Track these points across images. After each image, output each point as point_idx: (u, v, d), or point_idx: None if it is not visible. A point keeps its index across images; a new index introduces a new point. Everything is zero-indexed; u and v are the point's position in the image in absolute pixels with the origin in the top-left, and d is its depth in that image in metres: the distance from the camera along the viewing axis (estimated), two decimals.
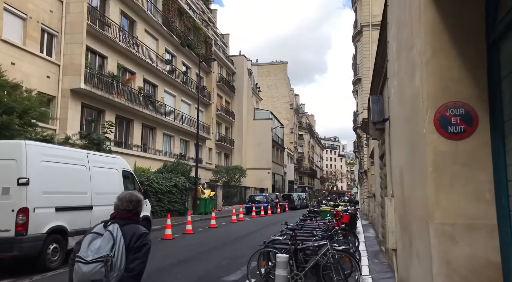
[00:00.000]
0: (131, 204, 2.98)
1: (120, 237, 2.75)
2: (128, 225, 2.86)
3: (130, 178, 11.13)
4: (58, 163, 8.20)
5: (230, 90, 43.80)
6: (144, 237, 2.85)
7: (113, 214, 2.95)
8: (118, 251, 2.71)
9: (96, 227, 2.88)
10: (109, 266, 2.64)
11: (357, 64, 31.81)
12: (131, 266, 2.74)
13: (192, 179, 24.28)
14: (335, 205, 15.98)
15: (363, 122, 22.00)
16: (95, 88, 20.21)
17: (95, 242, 2.73)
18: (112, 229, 2.79)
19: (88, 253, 2.67)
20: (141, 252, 2.79)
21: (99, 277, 2.62)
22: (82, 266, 2.63)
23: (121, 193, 3.10)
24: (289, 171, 59.82)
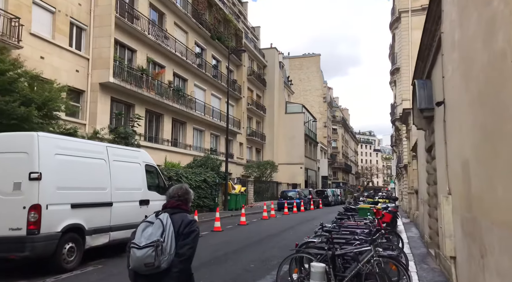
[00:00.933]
0: (180, 190, 3.25)
1: (170, 224, 2.96)
2: (177, 214, 3.07)
3: (154, 172, 10.54)
4: (74, 157, 7.67)
5: (261, 84, 42.95)
6: (192, 224, 3.05)
7: (163, 204, 3.22)
8: (168, 237, 2.90)
9: (149, 217, 3.13)
10: (160, 251, 2.84)
11: (395, 53, 30.00)
12: (181, 251, 2.93)
13: (222, 174, 23.71)
14: (374, 202, 14.79)
15: (403, 113, 20.47)
16: (124, 82, 19.97)
17: (147, 229, 2.96)
18: (162, 217, 3.02)
19: (141, 240, 2.89)
20: (189, 238, 2.98)
21: (151, 260, 2.82)
22: (136, 251, 2.86)
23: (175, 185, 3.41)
24: (323, 166, 58.31)
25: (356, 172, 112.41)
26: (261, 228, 15.14)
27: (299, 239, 12.32)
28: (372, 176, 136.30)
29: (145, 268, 2.86)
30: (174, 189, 3.32)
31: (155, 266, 2.84)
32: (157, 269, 2.87)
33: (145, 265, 2.85)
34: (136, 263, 2.88)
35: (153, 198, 10.07)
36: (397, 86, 30.01)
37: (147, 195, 9.80)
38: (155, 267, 2.85)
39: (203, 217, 18.47)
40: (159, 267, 2.86)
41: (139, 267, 2.89)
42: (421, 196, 12.43)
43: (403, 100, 28.16)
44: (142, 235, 2.94)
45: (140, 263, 2.86)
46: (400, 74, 29.14)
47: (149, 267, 2.85)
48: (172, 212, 3.09)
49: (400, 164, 29.36)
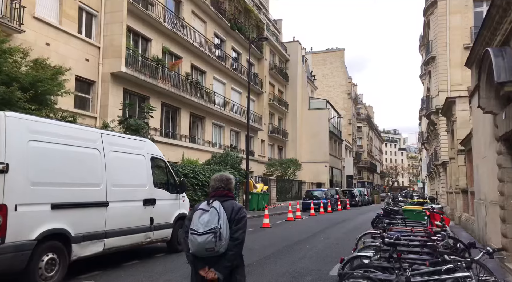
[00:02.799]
0: (223, 182, 3.43)
1: (223, 211, 3.21)
2: (226, 201, 3.31)
3: (162, 167, 8.94)
4: (57, 144, 6.11)
5: (283, 79, 41.07)
6: (242, 210, 3.34)
7: (212, 193, 3.41)
8: (223, 223, 3.15)
9: (201, 204, 3.34)
10: (218, 236, 3.09)
11: (430, 41, 27.56)
12: (235, 236, 3.20)
13: (243, 171, 22.03)
14: (421, 203, 12.74)
15: (445, 104, 18.22)
16: (137, 72, 18.58)
17: (203, 217, 3.18)
18: (215, 205, 3.22)
19: (199, 226, 3.13)
20: (241, 223, 3.26)
21: (211, 246, 3.08)
22: (197, 237, 3.10)
23: (214, 175, 3.56)
24: (348, 165, 55.86)
25: (381, 171, 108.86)
26: (287, 232, 13.34)
27: (333, 246, 10.51)
28: (397, 176, 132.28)
29: (206, 253, 3.09)
30: (216, 180, 3.44)
31: (215, 250, 3.07)
32: (216, 253, 3.09)
33: (206, 250, 3.07)
34: (197, 248, 3.10)
35: (161, 197, 8.47)
36: (432, 77, 27.57)
37: (153, 194, 8.20)
38: (215, 252, 3.08)
39: None
40: (218, 251, 3.09)
41: (200, 252, 3.11)
42: (481, 196, 10.34)
43: (439, 91, 25.74)
44: (199, 222, 3.13)
45: (201, 248, 3.08)
46: (436, 63, 26.72)
47: (210, 251, 3.07)
48: (222, 200, 3.28)
49: (436, 161, 26.92)
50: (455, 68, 25.03)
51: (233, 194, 3.44)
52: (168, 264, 7.81)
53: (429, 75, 29.36)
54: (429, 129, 32.36)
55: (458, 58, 24.98)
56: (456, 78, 24.99)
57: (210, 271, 3.14)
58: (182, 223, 9.12)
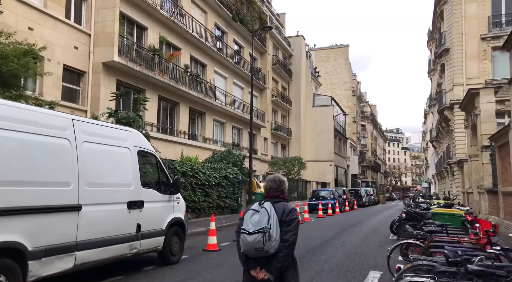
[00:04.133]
0: (275, 183, 3.40)
1: (274, 212, 3.18)
2: (278, 203, 3.29)
3: (152, 162, 7.51)
4: (10, 131, 4.69)
5: (286, 74, 39.60)
6: (293, 212, 3.28)
7: (264, 194, 3.43)
8: (273, 224, 3.12)
9: (253, 205, 3.35)
10: (267, 237, 3.05)
11: (443, 32, 26.09)
12: (286, 237, 3.14)
13: (246, 170, 20.59)
14: (448, 205, 11.29)
15: (466, 96, 16.73)
16: (132, 63, 17.16)
17: (254, 217, 3.18)
18: (266, 206, 3.22)
19: (249, 226, 3.13)
20: (292, 225, 3.20)
21: (260, 246, 3.05)
22: (247, 236, 3.10)
23: (268, 177, 3.59)
24: (353, 164, 54.36)
25: (385, 171, 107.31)
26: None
27: (353, 256, 8.96)
28: (401, 175, 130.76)
29: (255, 252, 3.09)
30: (269, 182, 3.44)
31: (264, 250, 3.05)
32: (266, 253, 3.07)
33: (256, 250, 3.07)
34: (247, 247, 3.11)
35: (150, 198, 7.04)
36: (445, 71, 26.10)
37: (140, 195, 6.77)
38: (264, 252, 3.06)
39: (224, 221, 15.42)
40: (268, 251, 3.06)
41: (249, 251, 3.12)
42: None
43: (454, 85, 24.28)
44: (249, 222, 3.15)
45: (251, 247, 3.08)
46: (450, 55, 25.25)
47: (259, 251, 3.07)
48: (273, 201, 3.29)
49: (449, 159, 25.45)
50: (471, 60, 23.59)
51: (285, 196, 3.43)
52: (158, 280, 6.40)
53: (441, 69, 27.90)
54: (440, 126, 30.88)
55: (475, 49, 23.56)
56: (472, 70, 23.55)
57: (261, 271, 3.15)
58: (176, 229, 7.72)
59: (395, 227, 11.69)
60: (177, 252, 7.76)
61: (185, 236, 8.18)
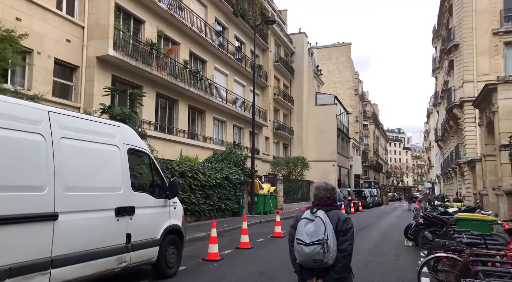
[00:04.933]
0: (328, 192, 3.30)
1: (329, 221, 3.09)
2: (331, 211, 3.18)
3: (145, 162, 6.61)
4: None
5: (288, 72, 38.68)
6: (348, 221, 3.17)
7: (315, 202, 3.30)
8: (330, 234, 3.03)
9: (304, 213, 3.23)
10: (326, 248, 2.98)
11: (452, 27, 25.17)
12: (343, 247, 3.07)
13: (248, 170, 19.70)
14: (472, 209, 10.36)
15: (482, 92, 15.83)
16: (128, 57, 16.25)
17: (308, 226, 3.08)
18: (320, 215, 3.11)
19: (305, 236, 3.04)
20: (348, 235, 3.11)
21: (320, 257, 2.99)
22: (304, 247, 3.03)
23: (317, 183, 3.47)
24: (356, 164, 53.42)
25: (387, 171, 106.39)
26: None
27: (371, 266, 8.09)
28: (403, 176, 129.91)
29: (314, 264, 3.03)
30: (320, 189, 3.33)
31: (323, 262, 3.00)
32: (325, 264, 3.02)
33: (314, 261, 3.02)
34: (304, 258, 3.06)
35: (142, 203, 6.14)
36: (454, 68, 25.18)
37: (131, 199, 5.87)
38: (323, 263, 3.01)
39: (225, 225, 14.51)
40: (326, 263, 3.01)
41: (307, 262, 3.07)
42: None
43: (464, 82, 23.36)
44: (304, 231, 3.06)
45: (308, 259, 3.03)
46: (459, 51, 24.34)
47: (318, 263, 3.01)
48: (326, 209, 3.18)
49: (459, 159, 24.54)
50: (482, 56, 22.68)
51: (337, 204, 3.36)
52: None
53: (449, 66, 26.98)
54: (448, 125, 29.97)
55: (486, 45, 22.65)
56: (484, 67, 22.64)
57: None
58: (173, 238, 6.82)
59: (411, 232, 10.80)
60: (174, 263, 6.86)
61: (182, 246, 7.28)
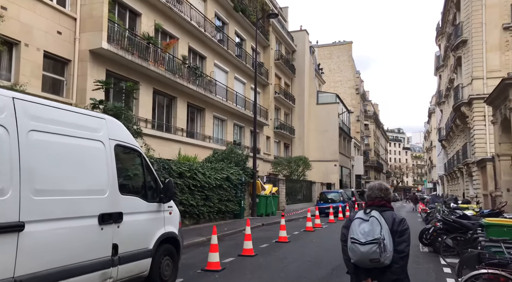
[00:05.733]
0: (382, 192, 3.27)
1: (384, 222, 3.06)
2: (386, 212, 3.15)
3: (135, 161, 5.76)
4: None
5: (289, 71, 37.85)
6: (404, 222, 3.14)
7: (368, 202, 3.30)
8: (386, 234, 3.01)
9: (357, 213, 3.21)
10: (383, 247, 2.97)
11: (460, 22, 24.35)
12: (400, 248, 3.05)
13: (250, 170, 18.86)
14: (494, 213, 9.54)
15: (498, 87, 15.00)
16: (123, 51, 15.39)
17: (362, 226, 3.06)
18: (375, 215, 3.09)
19: (359, 236, 3.02)
20: (405, 235, 3.09)
21: (376, 257, 2.97)
22: (359, 246, 3.01)
23: (370, 184, 3.47)
24: (357, 164, 52.60)
25: (387, 171, 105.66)
26: (312, 251, 10.13)
27: None
28: (403, 176, 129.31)
29: (370, 263, 3.01)
30: (374, 189, 3.32)
31: (380, 261, 2.97)
32: (381, 264, 2.99)
33: (370, 261, 2.98)
34: (360, 257, 3.03)
35: (132, 208, 5.29)
36: (462, 64, 24.35)
37: (118, 204, 5.02)
38: (380, 263, 2.98)
39: (226, 228, 13.65)
40: (383, 263, 2.98)
41: (363, 262, 3.04)
42: None
43: (473, 78, 22.52)
44: (359, 231, 3.04)
45: (365, 258, 3.00)
46: (467, 47, 23.51)
47: (374, 262, 2.98)
48: (380, 210, 3.15)
49: (467, 159, 23.71)
50: (492, 51, 21.85)
51: (391, 205, 3.30)
52: None
53: (456, 63, 26.15)
54: (454, 124, 29.15)
55: (496, 40, 21.82)
56: (494, 63, 21.81)
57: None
58: (168, 248, 5.97)
59: (429, 238, 9.96)
60: (169, 276, 6.01)
61: (179, 256, 6.42)
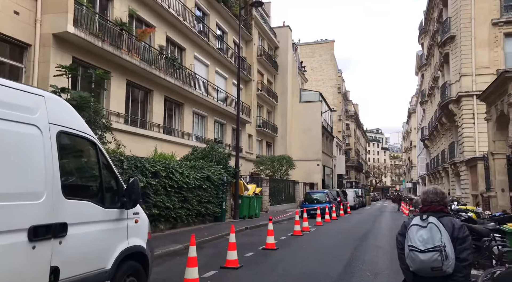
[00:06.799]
0: (438, 196, 3.13)
1: (443, 228, 2.91)
2: (444, 218, 3.01)
3: (88, 155, 4.42)
4: None
5: (272, 67, 36.75)
6: (465, 228, 2.99)
7: (424, 208, 3.15)
8: (446, 241, 2.86)
9: (413, 219, 3.08)
10: (444, 255, 2.82)
11: (448, 17, 23.78)
12: (463, 256, 2.89)
13: (232, 169, 17.59)
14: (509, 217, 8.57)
15: (496, 81, 14.25)
16: (92, 37, 13.84)
17: (420, 233, 2.93)
18: (433, 221, 2.95)
19: (418, 243, 2.89)
20: (467, 243, 2.92)
21: (438, 265, 2.84)
22: (419, 254, 2.88)
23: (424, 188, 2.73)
24: (339, 164, 52.01)
25: (366, 171, 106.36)
26: (304, 260, 8.94)
27: None
28: (381, 175, 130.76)
29: (431, 272, 2.89)
30: (429, 194, 3.19)
31: (442, 270, 2.86)
32: (443, 273, 2.88)
33: (432, 269, 2.88)
34: (420, 266, 2.92)
35: (81, 217, 3.93)
36: (450, 61, 23.78)
37: (60, 212, 3.67)
38: (442, 271, 2.87)
39: (206, 233, 12.35)
40: (445, 271, 2.88)
41: (423, 270, 2.93)
42: None
43: (462, 75, 21.92)
44: (417, 239, 2.92)
45: (425, 266, 2.90)
46: (455, 43, 22.94)
47: (436, 271, 2.88)
48: (438, 215, 3.03)
49: (456, 158, 23.11)
50: (481, 47, 21.29)
51: (448, 210, 3.15)
52: None
53: (443, 60, 25.60)
54: (439, 122, 28.68)
55: (485, 36, 21.27)
56: (483, 60, 21.26)
57: None
58: (133, 266, 4.66)
59: None
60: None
61: (148, 274, 5.08)
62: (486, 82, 19.85)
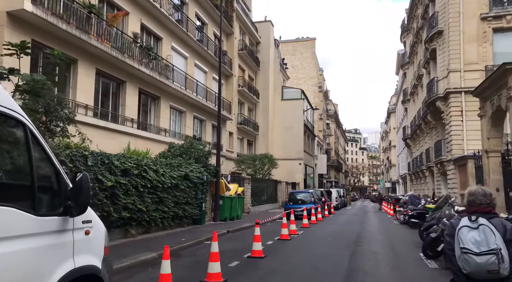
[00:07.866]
0: (487, 197, 3.04)
1: (496, 230, 2.82)
2: (493, 219, 2.91)
3: (16, 142, 3.07)
4: None
5: (254, 63, 35.58)
6: None
7: (472, 209, 3.04)
8: (500, 243, 2.78)
9: (461, 220, 2.98)
10: (500, 258, 2.74)
11: (436, 12, 23.20)
12: None
13: (213, 168, 16.31)
14: None
15: (496, 72, 13.55)
16: (55, 18, 12.29)
17: (471, 234, 2.83)
18: (484, 222, 2.85)
19: (471, 246, 2.79)
20: None
21: (495, 268, 2.74)
22: (474, 257, 2.78)
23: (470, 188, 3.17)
24: (321, 163, 51.37)
25: (345, 170, 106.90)
26: (298, 272, 7.76)
27: None
28: (360, 175, 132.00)
29: (488, 275, 2.82)
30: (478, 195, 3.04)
31: (499, 273, 2.78)
32: (499, 276, 2.80)
33: (488, 272, 2.80)
34: (476, 268, 2.82)
35: (1, 230, 2.62)
36: (438, 57, 23.20)
37: None
38: (499, 274, 2.79)
39: (184, 238, 11.02)
40: (502, 274, 2.79)
41: (479, 273, 2.83)
42: None
43: (450, 71, 21.34)
44: (469, 240, 2.84)
45: (482, 269, 2.80)
46: (443, 39, 22.36)
47: (493, 274, 2.80)
48: (487, 217, 2.92)
49: (443, 157, 22.55)
50: (469, 43, 20.75)
51: (496, 212, 3.03)
52: None
53: (430, 56, 25.06)
54: (424, 121, 28.22)
55: (474, 31, 20.73)
56: (471, 55, 20.72)
57: None
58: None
59: (439, 250, 7.99)
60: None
61: None
62: (474, 79, 19.34)
